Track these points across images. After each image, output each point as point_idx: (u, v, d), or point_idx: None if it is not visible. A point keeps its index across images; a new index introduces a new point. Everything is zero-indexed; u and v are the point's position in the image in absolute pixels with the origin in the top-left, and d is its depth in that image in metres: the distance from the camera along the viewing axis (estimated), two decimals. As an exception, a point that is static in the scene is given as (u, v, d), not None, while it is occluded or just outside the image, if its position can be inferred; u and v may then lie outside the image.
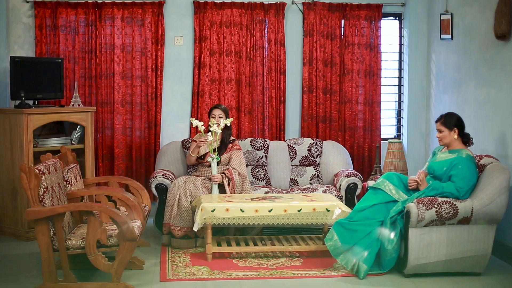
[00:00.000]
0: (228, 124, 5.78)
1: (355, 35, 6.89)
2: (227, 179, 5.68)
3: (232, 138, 5.98)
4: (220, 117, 5.86)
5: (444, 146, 5.05)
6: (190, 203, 5.48)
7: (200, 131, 5.81)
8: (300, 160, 6.52)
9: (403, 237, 4.74)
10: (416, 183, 4.97)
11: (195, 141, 5.89)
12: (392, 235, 4.71)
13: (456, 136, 4.91)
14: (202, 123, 5.71)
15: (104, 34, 6.62)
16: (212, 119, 5.75)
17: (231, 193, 5.63)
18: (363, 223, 4.83)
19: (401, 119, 7.25)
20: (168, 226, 5.55)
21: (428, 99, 6.98)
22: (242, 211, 5.10)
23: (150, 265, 5.07)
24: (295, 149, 6.53)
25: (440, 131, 4.95)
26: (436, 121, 5.00)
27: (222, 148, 5.87)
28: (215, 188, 5.59)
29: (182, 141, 6.42)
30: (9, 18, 6.50)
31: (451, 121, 4.92)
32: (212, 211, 5.06)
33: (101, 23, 6.59)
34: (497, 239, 4.95)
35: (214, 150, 5.64)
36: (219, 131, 5.63)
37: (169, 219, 5.53)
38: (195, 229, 5.13)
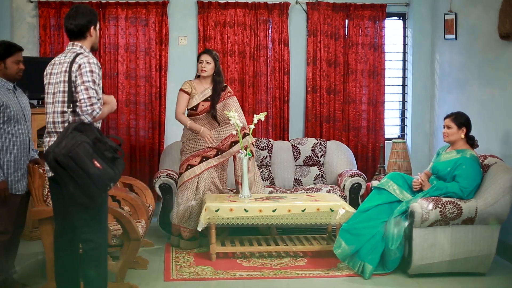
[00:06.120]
0: (262, 119, 5.45)
1: (359, 35, 6.88)
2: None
3: (224, 84, 5.62)
4: (208, 63, 5.48)
5: (448, 144, 5.04)
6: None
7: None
8: (304, 160, 6.52)
9: (407, 237, 4.74)
10: (420, 185, 4.97)
11: (185, 92, 5.52)
12: (406, 224, 4.70)
13: (462, 136, 4.91)
14: (236, 113, 5.35)
15: (108, 34, 6.63)
16: (199, 65, 5.52)
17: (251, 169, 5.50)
18: (367, 225, 4.83)
19: (405, 119, 7.25)
20: (178, 228, 5.53)
21: (432, 99, 6.97)
22: (246, 211, 5.10)
23: (154, 265, 5.07)
24: (299, 149, 6.53)
25: (448, 127, 4.93)
26: (446, 117, 4.99)
27: (215, 98, 5.54)
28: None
29: (186, 141, 6.40)
30: (13, 18, 6.52)
31: (461, 119, 4.92)
32: (216, 211, 5.06)
33: (105, 23, 6.59)
34: (501, 239, 4.94)
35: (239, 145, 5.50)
36: (235, 121, 5.26)
37: (180, 221, 5.50)
38: (199, 229, 5.12)
